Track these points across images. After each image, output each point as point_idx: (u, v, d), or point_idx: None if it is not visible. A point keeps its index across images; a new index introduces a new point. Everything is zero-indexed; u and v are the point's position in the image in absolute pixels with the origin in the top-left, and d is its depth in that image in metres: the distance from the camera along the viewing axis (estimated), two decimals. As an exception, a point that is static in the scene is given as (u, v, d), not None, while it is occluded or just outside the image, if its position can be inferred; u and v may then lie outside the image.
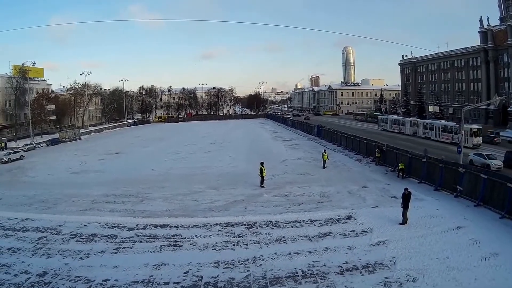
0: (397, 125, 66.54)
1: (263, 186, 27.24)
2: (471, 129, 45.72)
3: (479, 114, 72.67)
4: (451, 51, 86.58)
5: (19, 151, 50.57)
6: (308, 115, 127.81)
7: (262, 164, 27.61)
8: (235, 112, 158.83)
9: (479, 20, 73.17)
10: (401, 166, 28.91)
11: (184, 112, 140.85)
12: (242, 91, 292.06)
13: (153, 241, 17.15)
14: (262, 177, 27.43)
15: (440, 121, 57.44)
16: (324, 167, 33.87)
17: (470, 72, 79.54)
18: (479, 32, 73.84)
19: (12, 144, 64.06)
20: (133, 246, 16.62)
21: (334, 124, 76.97)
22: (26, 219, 20.91)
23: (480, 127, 48.37)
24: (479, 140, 45.63)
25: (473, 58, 78.35)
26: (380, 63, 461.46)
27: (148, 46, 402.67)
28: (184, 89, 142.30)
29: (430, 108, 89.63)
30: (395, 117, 75.21)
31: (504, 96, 60.45)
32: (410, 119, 67.04)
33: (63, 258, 15.34)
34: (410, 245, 15.59)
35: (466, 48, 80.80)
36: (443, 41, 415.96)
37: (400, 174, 28.84)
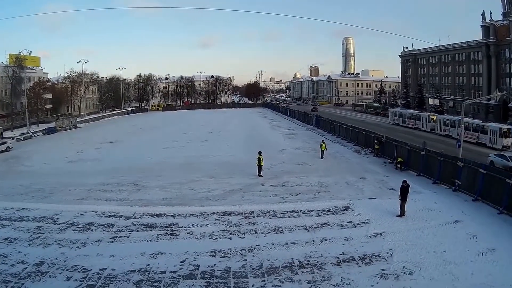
0: (412, 119, 60.76)
1: (260, 176, 27.16)
2: (501, 128, 40.47)
3: (480, 109, 72.22)
4: (453, 44, 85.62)
5: (5, 143, 48.91)
6: (315, 105, 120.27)
7: (260, 153, 27.52)
8: (233, 101, 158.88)
9: (482, 15, 72.13)
10: (399, 159, 28.86)
11: (181, 101, 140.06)
12: (241, 80, 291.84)
13: (150, 230, 17.11)
14: (259, 166, 27.32)
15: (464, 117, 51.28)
16: (322, 157, 33.80)
17: (471, 66, 78.72)
18: (481, 26, 72.75)
19: (8, 134, 63.91)
20: (130, 235, 16.58)
21: (334, 115, 76.65)
22: (23, 208, 20.75)
23: (511, 126, 42.51)
24: (509, 141, 39.71)
25: (474, 52, 77.41)
26: (380, 54, 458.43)
27: (145, 34, 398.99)
28: (182, 77, 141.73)
29: (430, 101, 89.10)
30: (410, 110, 68.51)
31: (505, 92, 59.98)
32: (428, 113, 60.21)
33: (60, 248, 15.28)
34: (407, 238, 15.59)
35: (467, 42, 79.80)
36: (445, 34, 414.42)
37: (398, 166, 28.81)
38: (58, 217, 19.16)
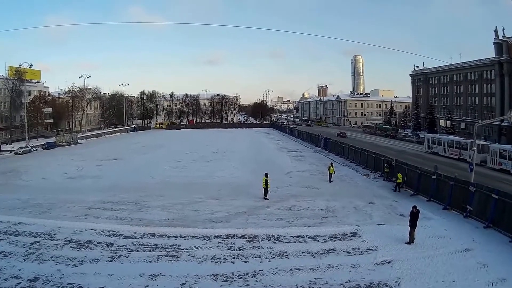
0: (456, 148, 51.37)
1: (266, 198, 26.60)
2: None
3: (492, 131, 70.84)
4: (464, 63, 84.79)
5: None
6: (343, 130, 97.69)
7: (266, 175, 27.03)
8: (239, 121, 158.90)
9: (494, 31, 71.25)
10: (399, 177, 28.43)
11: (186, 119, 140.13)
12: (247, 99, 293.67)
13: (150, 251, 16.68)
14: (265, 189, 26.78)
15: None
16: (330, 180, 33.13)
17: (484, 86, 77.35)
18: (494, 43, 71.76)
19: (6, 147, 63.79)
20: (129, 255, 16.16)
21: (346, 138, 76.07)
22: (19, 223, 20.44)
23: None
24: None
25: (487, 71, 76.07)
26: (391, 73, 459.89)
27: (150, 50, 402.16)
28: (186, 95, 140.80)
29: (442, 122, 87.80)
30: (452, 137, 58.07)
31: (518, 113, 58.96)
32: (477, 142, 47.80)
33: (56, 264, 14.91)
34: (415, 266, 15.04)
35: (480, 60, 78.70)
36: (456, 52, 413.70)
37: (398, 186, 28.59)
38: (56, 233, 18.80)
